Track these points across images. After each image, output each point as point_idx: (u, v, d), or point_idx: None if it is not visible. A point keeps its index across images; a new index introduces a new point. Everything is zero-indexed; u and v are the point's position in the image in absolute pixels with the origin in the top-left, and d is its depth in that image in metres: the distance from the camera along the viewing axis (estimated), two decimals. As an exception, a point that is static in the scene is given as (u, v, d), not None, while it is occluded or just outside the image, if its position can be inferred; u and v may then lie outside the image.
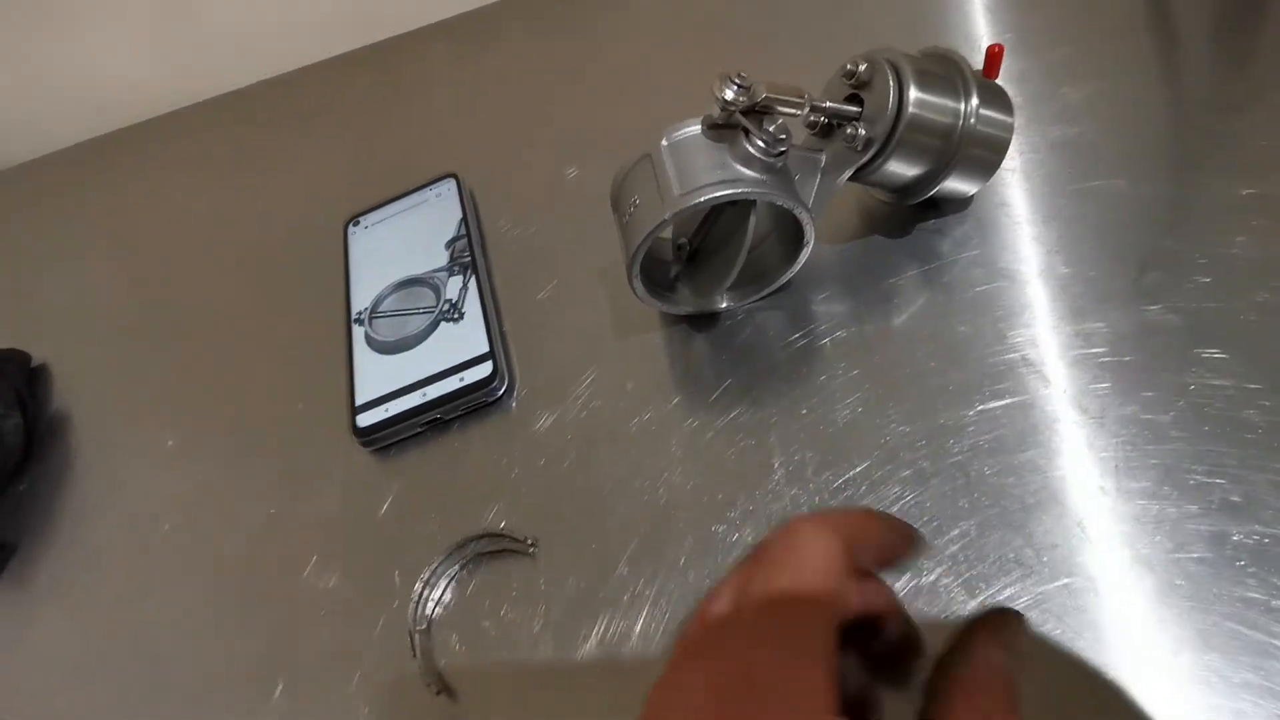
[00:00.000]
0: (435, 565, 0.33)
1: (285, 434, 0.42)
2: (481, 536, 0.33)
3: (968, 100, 0.31)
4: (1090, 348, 0.31)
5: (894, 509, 0.29)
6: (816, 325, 0.35)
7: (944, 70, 0.32)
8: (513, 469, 0.36)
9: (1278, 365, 0.28)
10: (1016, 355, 0.31)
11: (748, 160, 0.30)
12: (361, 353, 0.42)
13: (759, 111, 0.30)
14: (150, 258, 0.56)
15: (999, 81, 0.34)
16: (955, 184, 0.33)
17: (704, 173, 0.30)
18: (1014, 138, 0.33)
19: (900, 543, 0.21)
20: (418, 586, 0.32)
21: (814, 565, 0.19)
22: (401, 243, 0.46)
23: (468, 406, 0.38)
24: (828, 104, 0.31)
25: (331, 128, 0.60)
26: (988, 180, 0.34)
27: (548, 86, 0.54)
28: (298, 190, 0.56)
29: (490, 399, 0.38)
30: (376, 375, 0.40)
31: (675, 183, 0.30)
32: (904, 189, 0.34)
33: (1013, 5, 0.45)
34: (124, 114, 0.68)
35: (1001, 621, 0.20)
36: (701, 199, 0.29)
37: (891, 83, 0.30)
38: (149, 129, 0.66)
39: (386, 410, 0.38)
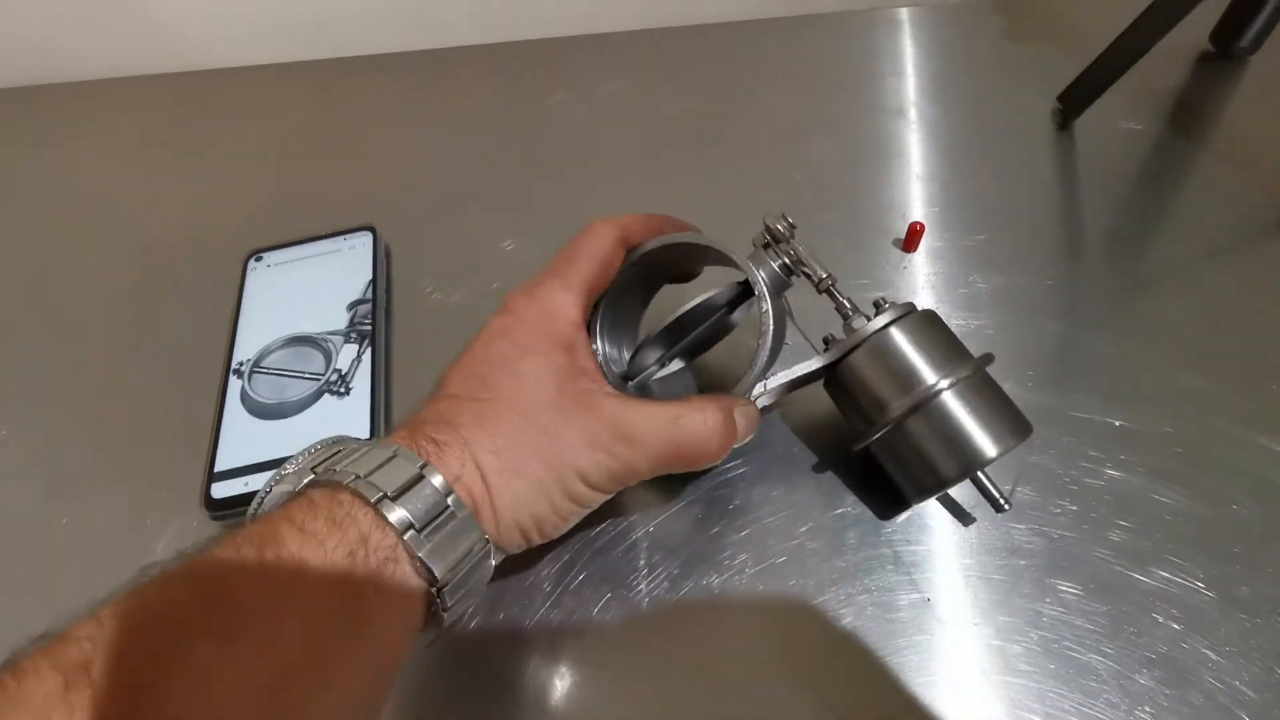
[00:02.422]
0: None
1: (133, 477, 0.38)
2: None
3: (942, 377, 0.29)
4: (958, 558, 0.32)
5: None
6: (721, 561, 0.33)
7: (950, 350, 0.30)
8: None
9: (1121, 610, 0.30)
10: (888, 551, 0.32)
11: (763, 262, 0.31)
12: (233, 411, 0.38)
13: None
14: (27, 235, 0.51)
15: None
16: (889, 462, 0.31)
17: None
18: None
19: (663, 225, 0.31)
20: None
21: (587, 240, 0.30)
22: (302, 293, 0.44)
23: (335, 497, 0.35)
24: (840, 290, 0.31)
25: (256, 136, 0.57)
26: (922, 499, 0.32)
27: (498, 148, 0.53)
28: (206, 198, 0.52)
29: (361, 493, 0.36)
30: (244, 440, 0.37)
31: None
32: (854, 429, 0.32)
33: (941, 185, 0.47)
34: (34, 72, 0.63)
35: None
36: (701, 239, 0.30)
37: (887, 313, 0.30)
38: (55, 92, 0.61)
39: (246, 484, 0.35)
